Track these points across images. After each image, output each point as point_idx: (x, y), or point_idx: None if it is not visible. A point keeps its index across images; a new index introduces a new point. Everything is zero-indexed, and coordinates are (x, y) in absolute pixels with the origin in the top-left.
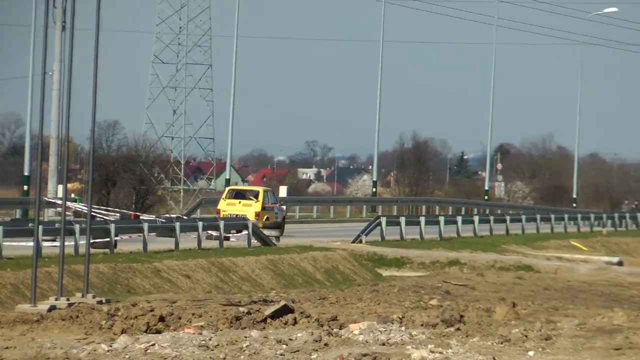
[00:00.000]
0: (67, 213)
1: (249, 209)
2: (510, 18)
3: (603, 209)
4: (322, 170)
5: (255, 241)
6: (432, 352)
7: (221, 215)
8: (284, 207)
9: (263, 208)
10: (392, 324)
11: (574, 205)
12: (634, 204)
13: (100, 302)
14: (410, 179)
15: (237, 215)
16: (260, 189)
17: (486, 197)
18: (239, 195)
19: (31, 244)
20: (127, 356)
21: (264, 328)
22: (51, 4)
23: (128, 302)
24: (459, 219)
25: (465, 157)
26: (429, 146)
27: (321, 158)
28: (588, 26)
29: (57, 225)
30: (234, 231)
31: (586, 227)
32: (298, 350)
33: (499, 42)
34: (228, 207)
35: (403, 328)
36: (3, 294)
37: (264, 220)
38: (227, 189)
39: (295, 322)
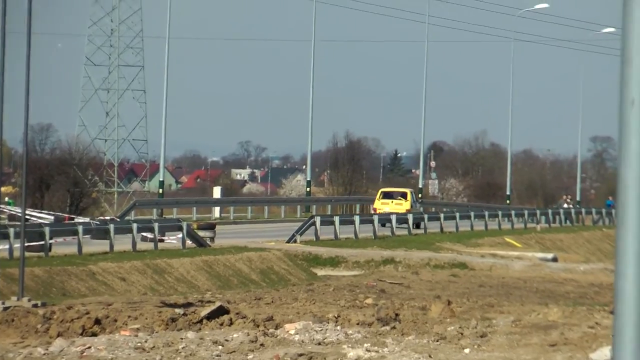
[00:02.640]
0: (1, 217)
1: (401, 207)
2: (441, 16)
3: (537, 205)
4: (256, 170)
5: (190, 242)
6: (368, 350)
7: (377, 212)
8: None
9: (411, 206)
10: (328, 323)
11: (508, 202)
12: (568, 199)
13: (35, 306)
14: (344, 178)
15: (391, 212)
16: (408, 191)
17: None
18: (389, 195)
19: None
20: (63, 359)
21: (200, 329)
22: None
23: (64, 305)
24: (393, 217)
25: (398, 155)
26: (362, 145)
27: (255, 158)
28: (519, 23)
29: None
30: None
31: (520, 223)
32: (234, 351)
33: (431, 39)
34: (382, 205)
35: (339, 327)
36: None
37: None
38: (380, 190)
39: (231, 323)
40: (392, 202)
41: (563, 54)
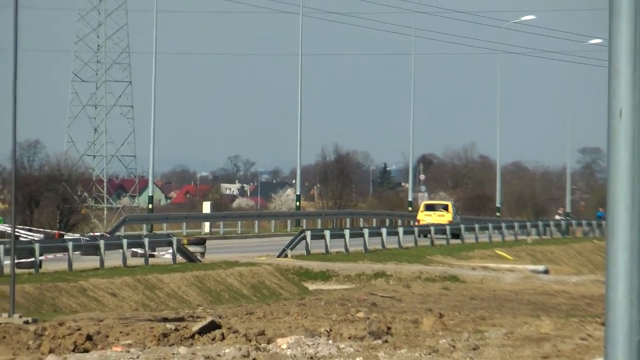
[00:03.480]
0: None
1: (443, 218)
2: (428, 29)
3: (527, 217)
4: (245, 185)
5: (181, 258)
6: None
7: (421, 223)
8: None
9: (452, 217)
10: (320, 337)
11: (498, 214)
12: (560, 210)
13: (27, 322)
14: (333, 192)
15: (433, 223)
16: (449, 203)
17: (410, 209)
18: (431, 208)
19: None
20: None
21: (192, 344)
22: None
23: (55, 322)
24: (384, 230)
25: (388, 168)
26: (351, 159)
27: (244, 173)
28: (506, 35)
29: None
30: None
31: (511, 236)
32: None
33: (418, 52)
34: (426, 217)
35: (331, 341)
36: None
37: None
38: (423, 203)
39: (223, 338)
40: (434, 213)
41: (551, 66)
